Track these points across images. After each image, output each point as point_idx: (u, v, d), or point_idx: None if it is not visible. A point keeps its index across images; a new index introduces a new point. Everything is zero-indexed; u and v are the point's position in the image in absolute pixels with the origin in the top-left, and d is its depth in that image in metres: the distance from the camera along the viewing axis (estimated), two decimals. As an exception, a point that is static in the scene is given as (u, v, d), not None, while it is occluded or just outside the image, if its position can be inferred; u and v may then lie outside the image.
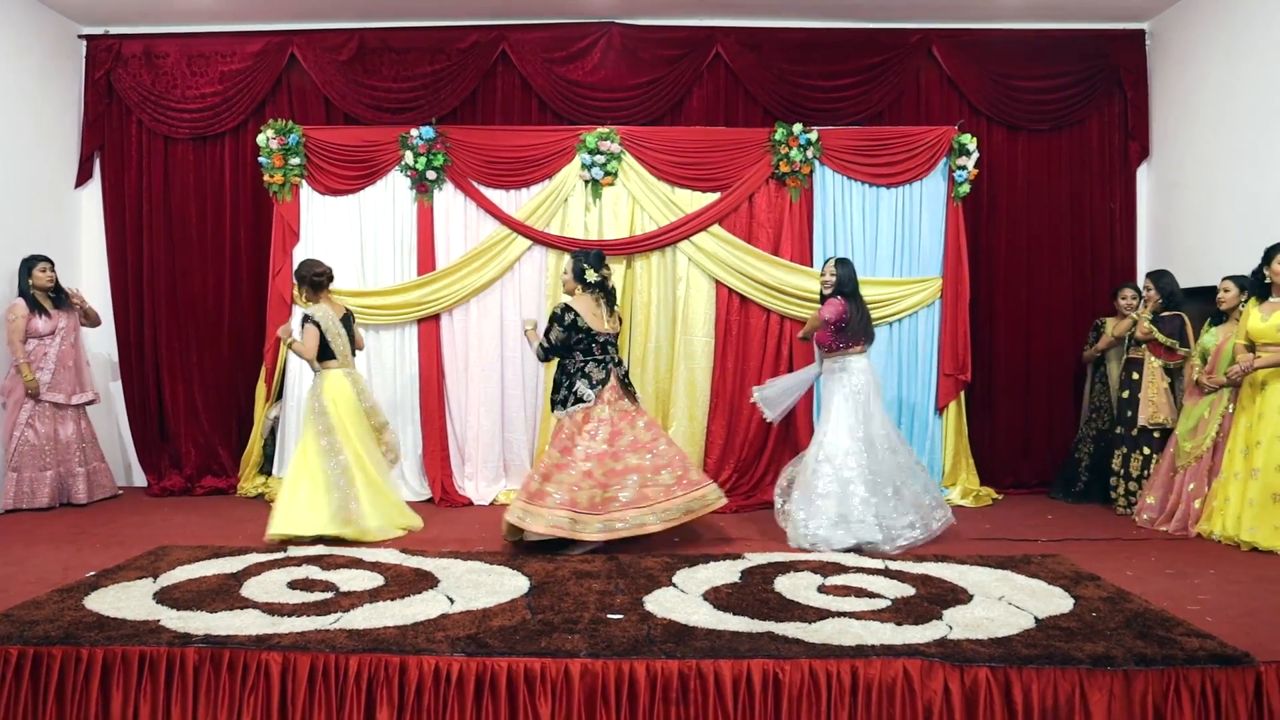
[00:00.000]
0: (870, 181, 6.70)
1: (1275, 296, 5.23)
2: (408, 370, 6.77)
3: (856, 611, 3.81)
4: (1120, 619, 3.71)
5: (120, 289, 7.15)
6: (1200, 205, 6.61)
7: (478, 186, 6.71)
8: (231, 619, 3.66)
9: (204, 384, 7.09)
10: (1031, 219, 7.17)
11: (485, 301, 6.73)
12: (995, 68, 7.08)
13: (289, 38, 7.04)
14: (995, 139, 7.12)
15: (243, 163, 7.07)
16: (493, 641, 3.42)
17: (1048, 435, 7.13)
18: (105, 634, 3.47)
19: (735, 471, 6.59)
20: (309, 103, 7.10)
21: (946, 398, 6.71)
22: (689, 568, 4.52)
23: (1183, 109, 6.82)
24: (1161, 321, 6.01)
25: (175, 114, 7.06)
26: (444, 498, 6.55)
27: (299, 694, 3.28)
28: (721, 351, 6.69)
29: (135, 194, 7.13)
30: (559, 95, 7.00)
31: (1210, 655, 3.30)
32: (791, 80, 7.01)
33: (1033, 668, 3.24)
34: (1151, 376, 6.04)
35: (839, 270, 5.44)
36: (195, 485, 6.96)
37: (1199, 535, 5.37)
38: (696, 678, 3.23)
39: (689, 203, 6.69)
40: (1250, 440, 5.19)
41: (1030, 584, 4.25)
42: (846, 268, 5.46)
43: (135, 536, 5.34)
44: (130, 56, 7.10)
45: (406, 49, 7.07)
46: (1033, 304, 7.17)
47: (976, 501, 6.58)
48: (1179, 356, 5.95)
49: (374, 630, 3.53)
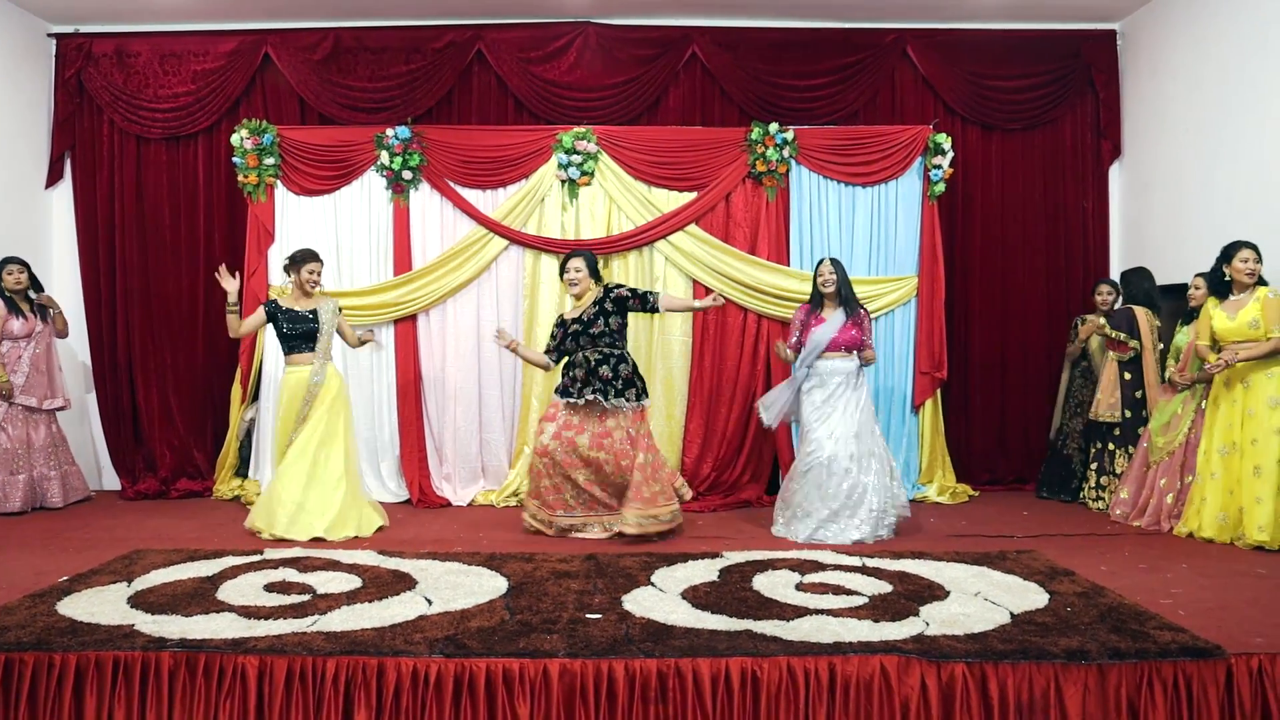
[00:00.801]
0: (846, 181, 6.73)
1: (1236, 294, 5.26)
2: (384, 371, 6.74)
3: (834, 609, 3.83)
4: (1094, 613, 3.75)
5: (92, 291, 7.08)
6: (1171, 203, 6.69)
7: (454, 186, 6.68)
8: (207, 622, 3.63)
9: (178, 386, 7.02)
10: (1006, 218, 7.23)
11: (462, 302, 6.71)
12: (969, 67, 7.13)
13: (263, 37, 6.99)
14: (970, 138, 7.18)
15: (217, 163, 7.02)
16: (471, 642, 3.41)
17: (1023, 432, 7.19)
18: (78, 639, 3.43)
19: (713, 470, 6.61)
20: (283, 102, 7.06)
21: (923, 395, 6.76)
22: (667, 567, 4.53)
23: (1153, 108, 6.90)
24: (1111, 316, 6.11)
25: (148, 114, 6.99)
26: (421, 499, 6.52)
27: (276, 697, 3.25)
28: (699, 351, 6.70)
29: (107, 195, 7.05)
30: (535, 95, 6.99)
31: (1182, 648, 3.34)
32: (767, 80, 7.03)
33: (1008, 663, 3.26)
34: (1108, 371, 6.14)
35: (838, 272, 5.51)
36: (170, 488, 6.90)
37: (1182, 536, 5.33)
38: (675, 676, 3.23)
39: (666, 202, 6.70)
40: (1230, 439, 5.21)
41: (1006, 580, 4.28)
42: (841, 269, 5.54)
43: (109, 540, 5.28)
44: (101, 55, 7.03)
45: (381, 48, 7.04)
46: (1008, 302, 7.23)
47: (953, 498, 6.64)
48: (1128, 349, 6.04)
49: (351, 632, 3.51)
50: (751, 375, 6.66)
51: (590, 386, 5.30)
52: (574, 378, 5.38)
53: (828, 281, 5.48)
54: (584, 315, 5.42)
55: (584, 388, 5.31)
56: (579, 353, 5.40)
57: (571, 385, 5.37)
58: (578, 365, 5.39)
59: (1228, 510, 5.16)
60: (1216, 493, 5.21)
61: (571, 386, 5.37)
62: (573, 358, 5.44)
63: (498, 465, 6.71)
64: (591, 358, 5.35)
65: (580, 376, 5.35)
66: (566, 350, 5.49)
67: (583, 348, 5.39)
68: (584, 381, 5.32)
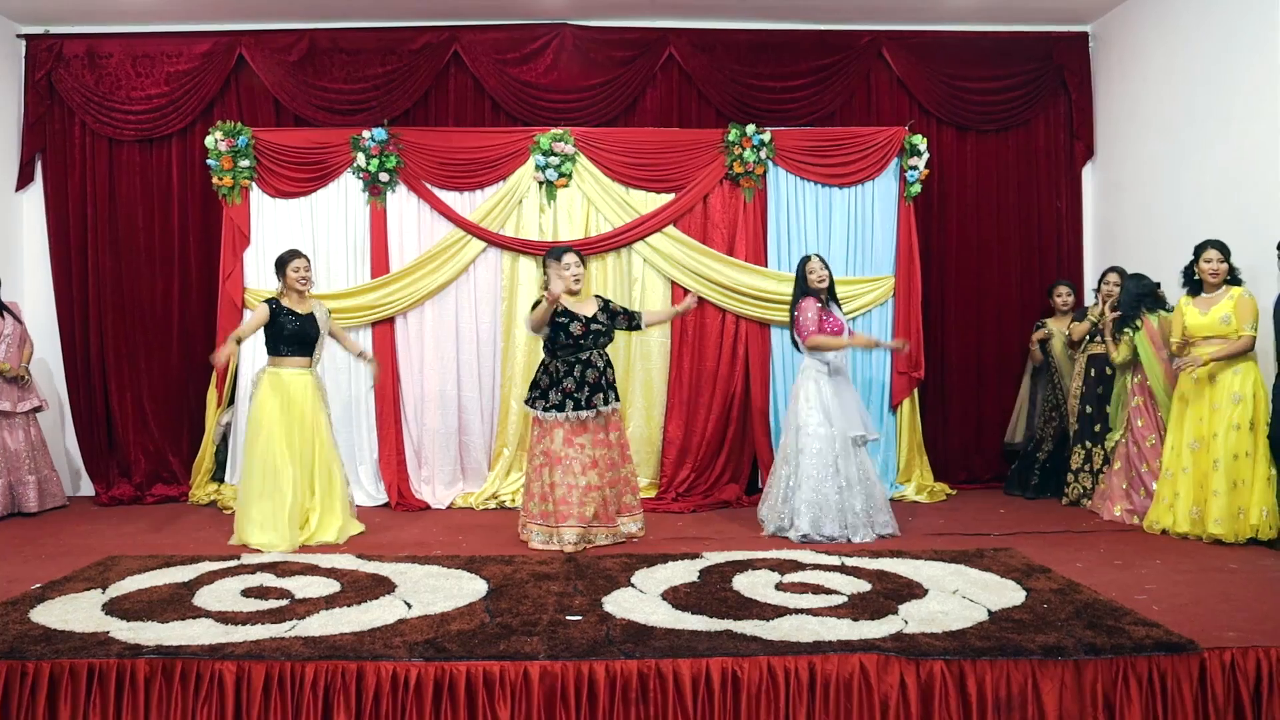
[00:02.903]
0: (823, 182, 6.76)
1: (1206, 292, 5.34)
2: (362, 374, 6.70)
3: (814, 608, 3.85)
4: (1070, 610, 3.78)
5: (65, 295, 6.99)
6: (1143, 204, 6.76)
7: (431, 189, 6.66)
8: (184, 629, 3.60)
9: (153, 390, 6.95)
10: (981, 218, 7.29)
11: (440, 304, 6.68)
12: (944, 69, 7.18)
13: (237, 38, 6.94)
14: (945, 139, 7.23)
15: (191, 165, 6.95)
16: (451, 646, 3.40)
17: (999, 431, 7.23)
18: (52, 647, 3.40)
19: (693, 471, 6.62)
20: (258, 104, 7.00)
21: (900, 395, 6.80)
22: (647, 568, 4.53)
23: (1125, 110, 6.97)
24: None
25: (120, 116, 6.92)
26: (400, 502, 6.49)
27: (254, 704, 3.23)
28: (678, 352, 6.70)
29: (79, 198, 6.97)
30: (512, 96, 6.98)
31: (1156, 643, 3.38)
32: (744, 81, 7.05)
33: (986, 660, 3.30)
34: (1078, 371, 6.31)
35: (828, 267, 5.57)
36: (145, 493, 6.83)
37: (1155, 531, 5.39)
38: (656, 677, 3.24)
39: (644, 204, 6.70)
40: (1200, 434, 5.26)
41: (983, 577, 4.32)
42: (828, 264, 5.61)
43: (83, 547, 5.23)
44: (72, 57, 6.95)
45: (357, 50, 7.00)
46: (983, 302, 7.28)
47: (931, 497, 6.67)
48: None
49: (330, 637, 3.50)
50: (730, 376, 6.67)
51: (602, 393, 5.18)
52: (583, 381, 5.14)
53: (823, 277, 5.51)
54: (598, 315, 5.27)
55: (594, 393, 5.14)
56: (591, 352, 5.21)
57: (580, 391, 5.13)
58: (590, 366, 5.17)
59: (1200, 504, 5.22)
60: (1188, 487, 5.28)
61: (580, 393, 5.12)
62: (580, 357, 5.18)
63: (477, 467, 6.68)
64: (599, 362, 5.23)
65: (592, 380, 5.15)
66: (583, 347, 5.20)
67: (598, 347, 5.26)
68: (596, 386, 5.15)
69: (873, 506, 5.39)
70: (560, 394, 5.15)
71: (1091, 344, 6.31)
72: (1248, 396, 5.11)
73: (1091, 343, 6.31)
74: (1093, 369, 6.30)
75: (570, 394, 5.14)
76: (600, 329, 5.26)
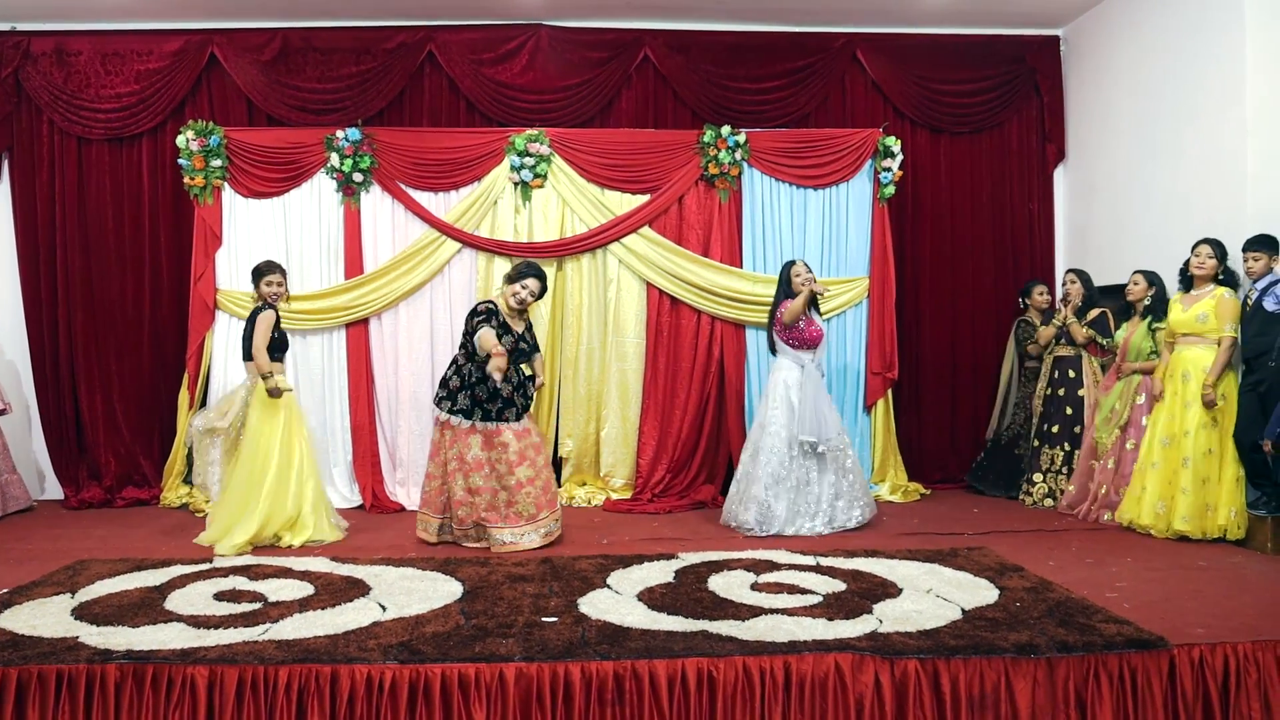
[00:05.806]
0: (798, 183, 6.79)
1: (1196, 288, 5.43)
2: (336, 375, 6.66)
3: (789, 608, 3.86)
4: (1043, 608, 3.82)
5: (32, 295, 6.88)
6: (1115, 205, 6.84)
7: (406, 189, 6.63)
8: (155, 633, 3.56)
9: (124, 392, 6.87)
10: (955, 220, 7.34)
11: (415, 305, 6.65)
12: (918, 71, 7.23)
13: (209, 37, 6.87)
14: (919, 141, 7.27)
15: (162, 165, 6.87)
16: (426, 648, 3.39)
17: (973, 431, 7.30)
18: (20, 653, 3.35)
19: (668, 472, 6.62)
20: (230, 103, 6.93)
21: (874, 396, 6.83)
22: (623, 569, 4.53)
23: (1096, 112, 7.05)
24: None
25: (89, 114, 6.83)
26: (375, 504, 6.45)
27: (227, 708, 3.20)
28: (653, 353, 6.71)
29: (48, 197, 6.86)
30: (487, 97, 6.95)
31: (1127, 640, 3.42)
32: (719, 83, 7.07)
33: (960, 658, 3.32)
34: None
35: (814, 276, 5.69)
36: (116, 497, 6.74)
37: (1123, 524, 5.47)
38: (632, 678, 3.24)
39: (619, 205, 6.70)
40: (1172, 430, 5.33)
41: (957, 576, 4.35)
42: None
43: (52, 551, 5.15)
44: (40, 54, 6.84)
45: (331, 49, 6.95)
46: (957, 302, 7.34)
47: (905, 497, 6.71)
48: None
49: (304, 640, 3.47)
50: (705, 377, 6.68)
51: (518, 408, 5.25)
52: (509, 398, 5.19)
53: (808, 280, 5.60)
54: (526, 335, 5.39)
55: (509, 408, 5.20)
56: (511, 368, 5.23)
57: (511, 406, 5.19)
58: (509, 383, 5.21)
59: (1166, 499, 5.29)
60: (1156, 482, 5.35)
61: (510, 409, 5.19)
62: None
63: (452, 469, 6.65)
64: (514, 377, 5.25)
65: (517, 398, 5.23)
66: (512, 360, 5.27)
67: (517, 364, 5.31)
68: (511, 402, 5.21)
69: (839, 497, 5.58)
70: (469, 399, 5.18)
71: (1058, 346, 6.39)
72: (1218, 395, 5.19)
73: (1058, 345, 6.38)
74: (1056, 371, 6.38)
75: (481, 403, 5.17)
76: (525, 349, 5.36)
